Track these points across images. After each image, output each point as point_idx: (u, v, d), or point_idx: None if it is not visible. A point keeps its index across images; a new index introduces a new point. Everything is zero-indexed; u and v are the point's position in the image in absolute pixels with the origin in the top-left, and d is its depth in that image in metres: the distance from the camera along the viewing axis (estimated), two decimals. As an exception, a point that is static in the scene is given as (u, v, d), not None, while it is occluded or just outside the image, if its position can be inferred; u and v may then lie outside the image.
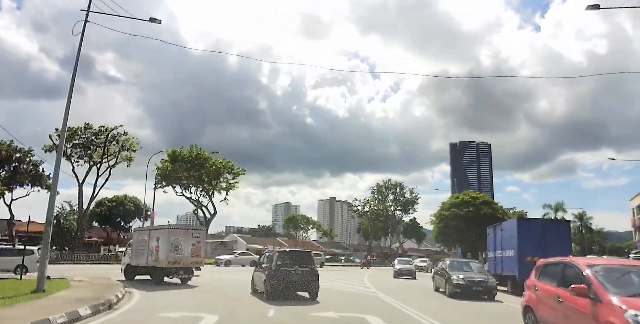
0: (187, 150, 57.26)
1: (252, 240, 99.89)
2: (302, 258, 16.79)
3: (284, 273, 15.49)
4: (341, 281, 29.15)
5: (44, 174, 55.02)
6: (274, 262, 15.72)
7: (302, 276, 15.78)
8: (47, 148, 48.80)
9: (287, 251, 17.69)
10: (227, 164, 58.87)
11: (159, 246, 21.49)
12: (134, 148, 51.60)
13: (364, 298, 18.53)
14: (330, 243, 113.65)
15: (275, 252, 16.95)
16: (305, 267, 16.08)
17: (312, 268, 16.33)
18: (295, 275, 15.65)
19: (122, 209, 55.87)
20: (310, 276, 15.94)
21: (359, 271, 47.75)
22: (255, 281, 17.87)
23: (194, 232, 22.45)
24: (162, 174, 58.10)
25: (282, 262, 15.86)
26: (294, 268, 15.79)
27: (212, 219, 59.30)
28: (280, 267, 15.63)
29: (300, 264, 16.07)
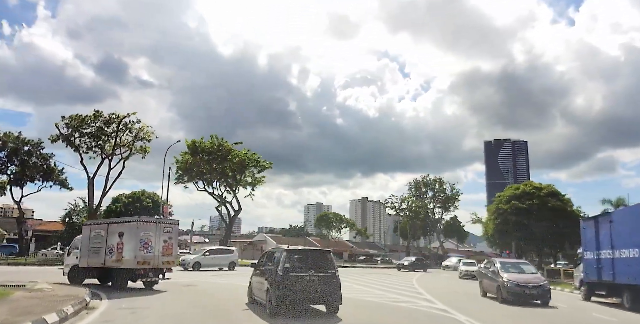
0: (208, 141, 51.78)
1: (282, 240, 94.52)
2: (319, 259, 12.72)
3: (293, 279, 11.74)
4: (383, 288, 23.10)
5: (55, 168, 50.62)
6: (281, 264, 11.90)
7: (318, 283, 11.95)
8: (53, 138, 44.02)
9: (299, 250, 13.56)
10: (252, 156, 53.19)
11: (123, 243, 17.97)
12: (148, 137, 46.34)
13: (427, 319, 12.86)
14: (365, 243, 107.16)
15: (282, 251, 12.87)
16: (322, 271, 12.14)
17: (332, 272, 12.31)
18: (309, 283, 11.84)
19: (138, 205, 50.78)
20: (329, 284, 12.06)
21: (400, 274, 41.37)
22: (254, 288, 14.05)
23: (166, 226, 18.84)
24: (183, 168, 52.90)
25: (292, 264, 12.07)
26: (307, 272, 11.95)
27: (236, 216, 53.84)
28: (289, 271, 11.84)
29: (316, 267, 12.15)
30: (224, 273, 32.42)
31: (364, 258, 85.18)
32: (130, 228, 17.98)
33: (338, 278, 12.27)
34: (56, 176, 50.56)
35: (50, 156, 49.47)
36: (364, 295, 18.69)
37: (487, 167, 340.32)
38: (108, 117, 44.48)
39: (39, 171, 48.91)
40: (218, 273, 32.80)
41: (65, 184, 51.15)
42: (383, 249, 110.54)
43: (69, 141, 43.84)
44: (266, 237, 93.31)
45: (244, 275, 19.87)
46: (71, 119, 43.57)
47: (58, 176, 50.93)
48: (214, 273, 32.31)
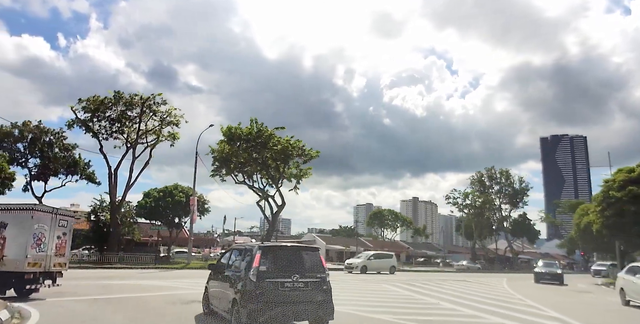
0: (246, 126, 44.84)
1: (332, 240, 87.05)
2: (305, 259, 9.28)
3: (271, 287, 8.53)
4: (477, 302, 15.52)
5: (80, 160, 44.94)
6: (254, 267, 8.58)
7: (305, 292, 8.77)
8: (70, 123, 38.21)
9: (279, 247, 9.98)
10: (296, 143, 45.84)
11: (6, 238, 13.37)
12: (176, 121, 39.87)
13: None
14: (421, 244, 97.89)
15: (255, 247, 9.13)
16: (310, 276, 8.97)
17: (322, 277, 9.15)
18: (293, 292, 8.64)
19: (170, 200, 44.40)
20: (318, 293, 8.94)
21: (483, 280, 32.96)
22: (213, 297, 10.53)
23: (61, 219, 14.49)
24: (219, 158, 46.25)
25: (270, 267, 8.76)
26: (290, 278, 8.70)
27: (280, 212, 46.62)
28: (266, 276, 8.60)
29: (302, 270, 8.93)
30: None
31: (422, 259, 76.49)
32: (21, 218, 13.44)
33: (329, 284, 9.37)
34: (82, 169, 44.94)
35: (73, 146, 43.88)
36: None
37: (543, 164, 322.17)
38: (130, 98, 38.26)
39: (62, 164, 43.41)
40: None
41: (93, 178, 45.43)
42: (440, 249, 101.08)
43: (86, 125, 37.96)
44: (315, 237, 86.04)
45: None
46: (88, 101, 37.63)
47: (84, 169, 45.30)
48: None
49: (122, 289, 17.14)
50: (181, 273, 29.29)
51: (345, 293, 16.99)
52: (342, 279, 25.74)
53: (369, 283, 25.17)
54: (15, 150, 41.33)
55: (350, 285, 22.50)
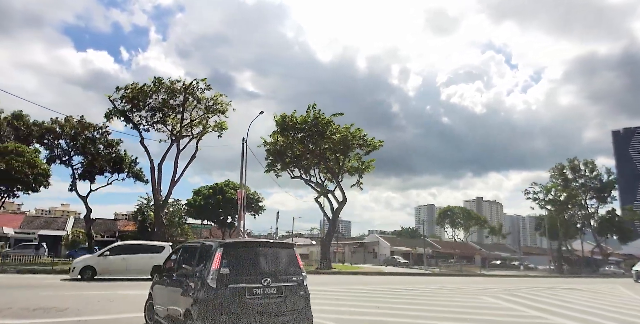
0: (301, 115, 39.78)
1: (396, 241, 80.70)
2: (278, 259, 7.42)
3: (236, 295, 6.65)
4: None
5: (126, 157, 41.44)
6: (214, 269, 6.70)
7: (278, 301, 6.90)
8: (108, 113, 34.49)
9: (245, 244, 7.87)
10: (356, 132, 40.30)
11: None
12: (223, 109, 35.35)
13: None
14: (491, 245, 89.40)
15: (216, 245, 7.08)
16: (284, 280, 7.11)
17: (299, 280, 7.30)
18: (263, 300, 6.78)
19: (221, 197, 40.02)
20: (295, 301, 7.11)
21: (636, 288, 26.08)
22: (160, 306, 8.33)
23: None
24: (273, 151, 41.51)
25: (234, 269, 6.81)
26: (260, 282, 6.82)
27: (341, 209, 41.13)
28: (229, 281, 6.71)
29: (274, 273, 7.07)
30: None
31: (499, 262, 68.70)
32: None
33: (307, 288, 7.32)
34: (128, 167, 41.44)
35: (117, 142, 40.43)
36: None
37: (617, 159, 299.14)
38: (170, 84, 34.09)
39: (107, 161, 40.02)
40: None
41: (140, 175, 41.86)
42: (515, 251, 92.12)
43: (125, 116, 34.10)
44: (378, 239, 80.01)
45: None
46: (127, 89, 33.80)
47: (131, 166, 41.80)
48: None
49: (115, 306, 12.16)
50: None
51: None
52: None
53: None
54: (56, 147, 38.30)
55: None
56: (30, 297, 13.49)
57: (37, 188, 30.17)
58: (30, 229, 52.40)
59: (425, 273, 41.03)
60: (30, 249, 39.67)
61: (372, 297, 15.76)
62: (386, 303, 13.97)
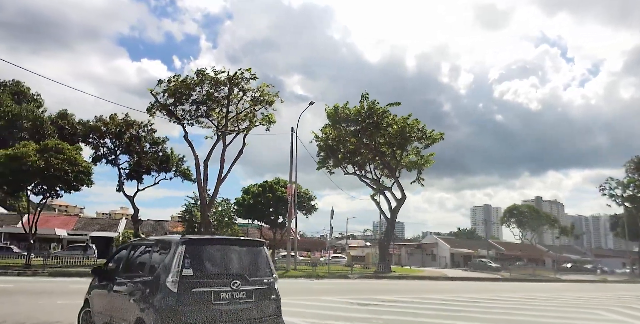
0: (355, 106, 36.57)
1: (456, 243, 75.87)
2: (247, 258, 6.41)
3: (201, 301, 5.68)
4: None
5: (173, 155, 39.63)
6: (174, 271, 5.64)
7: (247, 306, 5.96)
8: (150, 108, 32.53)
9: (210, 241, 6.96)
10: (414, 123, 36.67)
11: None
12: (270, 99, 32.61)
13: None
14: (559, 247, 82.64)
15: (176, 242, 5.93)
16: (254, 282, 6.13)
17: (270, 282, 6.34)
18: (232, 305, 5.84)
19: (271, 195, 37.34)
20: (266, 306, 6.18)
21: None
22: (100, 315, 7.10)
23: None
24: (325, 146, 38.54)
25: (197, 270, 5.81)
26: (229, 285, 5.86)
27: (400, 207, 37.49)
28: (192, 285, 5.69)
29: (243, 274, 6.08)
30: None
31: (569, 265, 62.75)
32: None
33: (278, 292, 6.33)
34: (175, 165, 39.61)
35: (163, 140, 38.66)
36: None
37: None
38: (214, 75, 31.70)
39: (154, 160, 38.30)
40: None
41: (188, 174, 39.91)
42: (585, 253, 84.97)
43: (168, 111, 31.98)
44: (437, 240, 75.44)
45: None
46: (169, 82, 31.70)
47: (178, 164, 39.95)
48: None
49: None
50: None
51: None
52: None
53: None
54: (102, 146, 36.86)
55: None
56: (38, 308, 11.11)
57: (78, 187, 28.46)
58: (83, 230, 51.90)
59: (494, 278, 36.78)
60: (79, 250, 38.61)
61: (459, 311, 12.33)
62: (486, 321, 10.57)
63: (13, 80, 34.57)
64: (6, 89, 32.91)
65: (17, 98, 32.74)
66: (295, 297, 14.76)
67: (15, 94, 33.16)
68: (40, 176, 26.27)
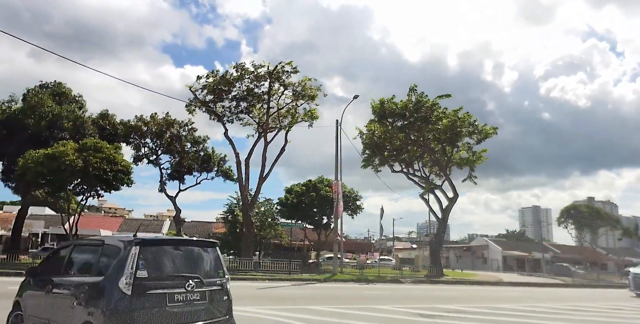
0: (401, 100, 34.34)
1: (508, 245, 71.95)
2: (200, 258, 6.28)
3: (156, 304, 5.45)
4: None
5: (215, 155, 38.51)
6: (127, 273, 5.37)
7: (202, 307, 5.89)
8: (188, 105, 31.41)
9: (163, 242, 6.59)
10: (465, 117, 34.14)
11: None
12: (312, 94, 30.91)
13: None
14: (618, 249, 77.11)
15: (128, 243, 5.66)
16: (208, 283, 6.03)
17: (221, 282, 6.27)
18: (187, 307, 5.69)
19: (315, 195, 35.56)
20: (219, 307, 6.11)
21: None
22: (36, 317, 6.64)
23: None
24: (370, 143, 36.48)
25: (151, 272, 5.55)
26: (184, 287, 5.69)
27: (452, 206, 34.97)
28: (147, 287, 5.43)
29: (197, 275, 5.92)
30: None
31: (633, 268, 57.88)
32: None
33: (230, 294, 6.29)
34: (216, 165, 38.48)
35: (204, 139, 37.56)
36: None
37: None
38: (254, 68, 30.27)
39: (195, 159, 37.27)
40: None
41: (229, 174, 38.71)
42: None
43: (208, 107, 30.79)
44: (487, 242, 71.75)
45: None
46: (208, 78, 30.50)
47: (220, 164, 38.81)
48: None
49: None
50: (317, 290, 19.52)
51: None
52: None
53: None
54: (143, 145, 36.09)
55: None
56: None
57: (118, 186, 27.55)
58: (128, 231, 51.69)
59: (556, 284, 33.61)
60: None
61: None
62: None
63: (55, 81, 34.27)
64: (47, 90, 32.53)
65: (58, 99, 32.32)
66: (346, 305, 12.85)
67: (57, 95, 32.77)
68: (79, 175, 25.45)
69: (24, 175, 25.36)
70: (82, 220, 49.63)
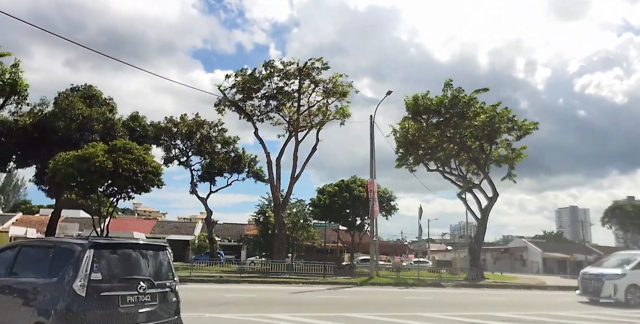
0: (436, 96, 32.84)
1: (548, 247, 69.14)
2: (151, 261, 6.41)
3: (109, 306, 5.68)
4: None
5: (245, 156, 37.94)
6: (82, 274, 5.52)
7: (152, 309, 6.07)
8: (217, 104, 30.72)
9: (116, 245, 6.33)
10: (504, 112, 32.38)
11: None
12: (344, 91, 29.80)
13: None
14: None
15: (81, 245, 5.78)
16: (159, 285, 6.27)
17: (171, 286, 6.48)
18: (137, 309, 5.90)
19: (348, 195, 34.35)
20: (167, 308, 6.33)
21: None
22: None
23: None
24: (404, 142, 35.08)
25: (105, 274, 5.74)
26: (134, 290, 5.92)
27: (491, 206, 33.20)
28: (101, 289, 5.62)
29: (148, 277, 6.18)
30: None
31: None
32: None
33: (178, 295, 6.52)
34: (247, 165, 37.84)
35: (234, 139, 36.97)
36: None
37: None
38: (283, 66, 29.38)
39: (226, 160, 36.71)
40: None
41: (260, 175, 38.05)
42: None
43: (237, 107, 30.06)
44: (526, 244, 69.09)
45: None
46: (236, 76, 29.76)
47: (250, 165, 38.16)
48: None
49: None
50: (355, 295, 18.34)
51: None
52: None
53: None
54: (173, 147, 35.71)
55: None
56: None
57: (148, 188, 27.03)
58: (161, 233, 51.71)
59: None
60: (154, 254, 37.73)
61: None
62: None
63: (85, 84, 34.24)
64: (78, 93, 32.47)
65: (89, 102, 32.21)
66: (389, 313, 11.66)
67: (87, 97, 32.65)
68: (109, 176, 25.02)
69: (54, 177, 25.11)
70: (116, 222, 49.96)
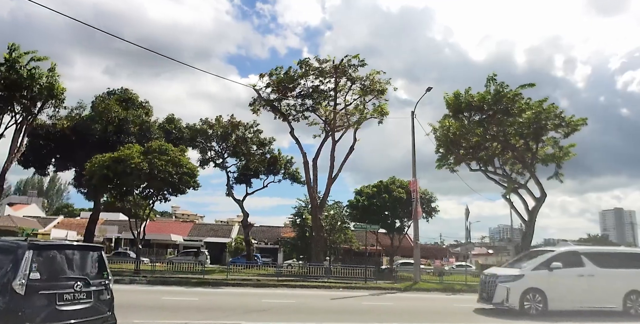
0: (478, 92, 31.26)
1: (595, 249, 65.69)
2: (86, 261, 6.80)
3: (46, 304, 6.01)
4: None
5: (281, 157, 37.29)
6: (21, 274, 5.85)
7: (87, 307, 6.48)
8: (252, 103, 30.11)
9: (54, 246, 6.70)
10: (550, 108, 30.46)
11: None
12: (381, 88, 28.66)
13: None
14: None
15: (20, 246, 6.13)
16: (93, 283, 6.66)
17: (105, 284, 6.91)
18: (73, 307, 6.27)
19: (387, 197, 33.11)
20: (101, 305, 6.74)
21: None
22: None
23: None
24: (444, 140, 33.57)
25: (43, 273, 6.06)
26: (72, 287, 6.34)
27: (539, 207, 31.29)
28: (38, 288, 5.95)
29: (84, 276, 6.56)
30: None
31: None
32: None
33: (112, 293, 6.98)
34: (283, 167, 37.17)
35: (270, 141, 36.35)
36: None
37: None
38: (319, 63, 28.50)
39: (262, 162, 36.13)
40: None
41: (297, 176, 37.34)
42: None
43: (272, 106, 29.34)
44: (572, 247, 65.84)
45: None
46: (271, 75, 29.05)
47: (287, 167, 37.49)
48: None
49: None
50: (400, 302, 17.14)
51: None
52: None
53: None
54: (209, 149, 35.40)
55: None
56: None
57: (184, 190, 26.61)
58: (198, 236, 51.73)
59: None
60: (191, 256, 37.57)
61: None
62: None
63: (121, 87, 34.44)
64: (114, 96, 32.60)
65: (125, 105, 32.28)
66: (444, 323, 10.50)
67: (124, 101, 32.78)
68: (145, 178, 24.69)
69: (91, 179, 25.00)
70: (154, 225, 50.18)
